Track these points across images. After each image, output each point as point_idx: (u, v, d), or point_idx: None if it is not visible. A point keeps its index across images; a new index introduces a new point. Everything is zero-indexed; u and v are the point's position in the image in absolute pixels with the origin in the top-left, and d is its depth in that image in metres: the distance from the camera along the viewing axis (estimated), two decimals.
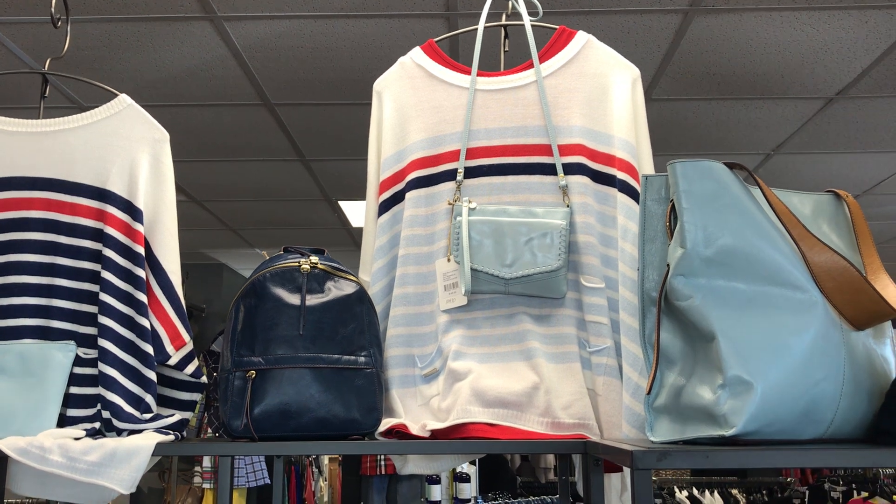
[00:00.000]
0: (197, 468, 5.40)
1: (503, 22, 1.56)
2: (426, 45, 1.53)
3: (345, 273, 1.36)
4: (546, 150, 1.43)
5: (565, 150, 1.42)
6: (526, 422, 1.32)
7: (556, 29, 1.50)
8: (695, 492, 6.43)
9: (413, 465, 1.45)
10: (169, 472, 5.59)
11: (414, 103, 1.48)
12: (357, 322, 1.33)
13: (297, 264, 1.33)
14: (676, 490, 6.41)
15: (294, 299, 1.31)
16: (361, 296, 1.34)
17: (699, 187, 0.97)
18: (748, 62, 2.71)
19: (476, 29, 1.52)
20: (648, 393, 0.99)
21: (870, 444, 0.96)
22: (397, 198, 1.47)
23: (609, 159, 1.41)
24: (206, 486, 5.31)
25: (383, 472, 5.25)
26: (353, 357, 1.31)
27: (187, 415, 1.40)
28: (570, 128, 1.43)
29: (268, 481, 5.56)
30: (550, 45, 1.48)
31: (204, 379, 1.42)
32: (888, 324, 1.03)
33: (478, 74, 1.48)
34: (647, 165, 1.42)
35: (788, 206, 1.10)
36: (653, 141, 3.64)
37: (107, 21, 2.44)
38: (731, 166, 1.00)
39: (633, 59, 2.70)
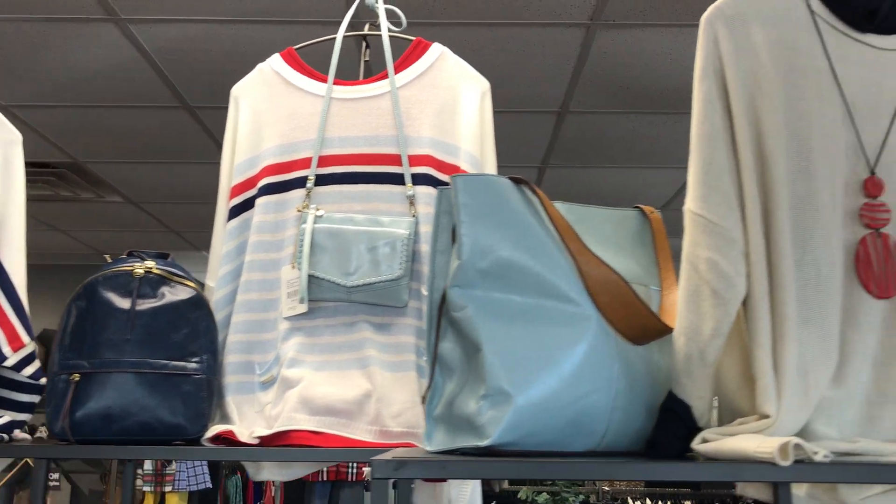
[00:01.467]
0: (138, 471, 5.36)
1: (363, 32, 1.57)
2: (285, 52, 1.54)
3: (182, 278, 1.36)
4: (396, 159, 1.44)
5: (414, 160, 1.43)
6: (353, 430, 1.32)
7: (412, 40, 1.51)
8: (648, 502, 6.45)
9: (266, 472, 1.45)
10: (109, 475, 5.54)
11: (270, 110, 1.49)
12: (190, 327, 1.33)
13: (130, 268, 1.34)
14: (630, 500, 6.43)
15: (125, 303, 1.31)
16: (197, 301, 1.35)
17: (478, 201, 0.98)
18: (655, 76, 2.74)
19: (335, 38, 1.53)
20: (423, 402, 1.00)
21: (640, 457, 0.97)
22: (248, 204, 1.47)
23: (455, 170, 1.42)
24: (146, 488, 5.27)
25: (325, 479, 5.22)
26: (182, 363, 1.31)
27: (24, 416, 1.39)
28: (419, 138, 1.44)
29: (209, 485, 5.51)
30: (406, 56, 1.49)
31: (44, 380, 1.42)
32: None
33: (336, 83, 1.49)
34: None
35: (589, 221, 1.11)
36: (569, 154, 3.67)
37: (18, 20, 2.44)
38: (516, 181, 1.01)
39: (543, 72, 2.75)
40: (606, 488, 6.37)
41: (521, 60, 2.68)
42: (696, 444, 0.92)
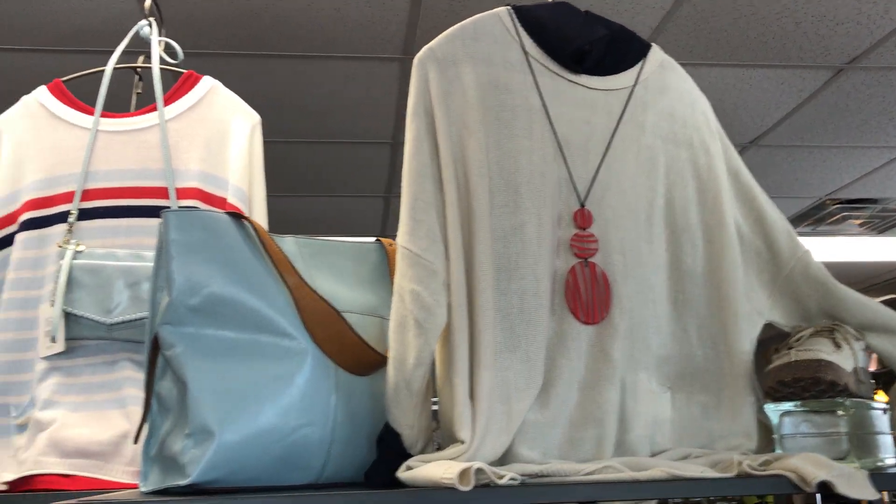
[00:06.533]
0: None
1: (135, 64, 1.55)
2: (52, 84, 1.50)
3: None
4: (164, 193, 1.42)
5: (182, 193, 1.42)
6: (109, 472, 1.28)
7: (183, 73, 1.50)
8: None
9: None
10: None
11: (33, 142, 1.45)
12: None
13: None
14: None
15: None
16: None
17: (188, 237, 0.98)
18: None
19: (104, 70, 1.50)
20: (136, 441, 0.98)
21: (355, 488, 0.98)
22: (7, 240, 1.42)
23: (222, 203, 1.41)
24: None
25: None
26: None
27: None
28: (188, 171, 1.43)
29: None
30: (176, 88, 1.48)
31: None
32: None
33: (104, 115, 1.46)
34: (258, 212, 1.44)
35: (325, 255, 1.13)
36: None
37: None
38: (235, 216, 1.02)
39: (369, 103, 2.77)
40: None
41: (347, 93, 2.71)
42: (400, 473, 0.94)
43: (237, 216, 1.02)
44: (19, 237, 1.40)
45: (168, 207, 1.41)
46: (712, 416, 1.09)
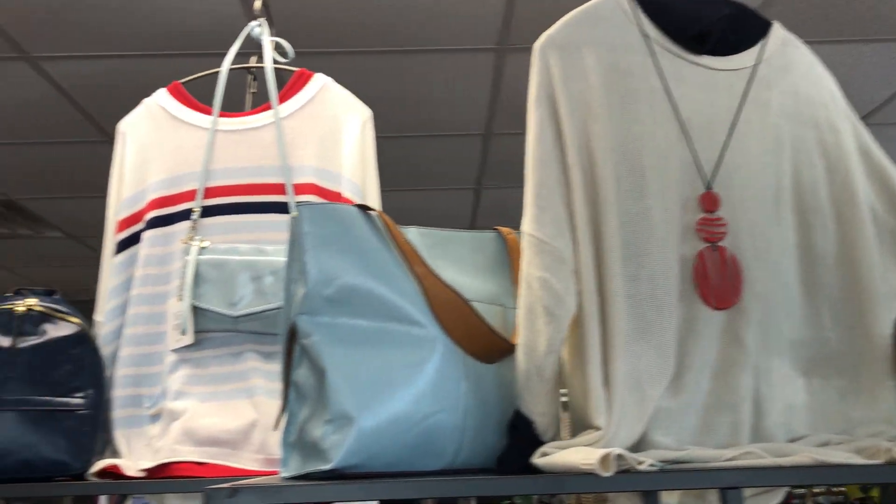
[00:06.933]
0: None
1: (248, 65, 1.59)
2: (171, 86, 1.56)
3: (65, 314, 1.37)
4: (280, 189, 1.46)
5: (298, 188, 1.46)
6: (239, 459, 1.33)
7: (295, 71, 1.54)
8: None
9: None
10: None
11: (155, 144, 1.51)
12: (73, 363, 1.34)
13: (10, 307, 1.34)
14: None
15: (5, 342, 1.32)
16: (80, 337, 1.35)
17: (322, 229, 1.00)
18: None
19: (220, 71, 1.55)
20: (276, 429, 1.01)
21: (487, 473, 0.99)
22: (135, 238, 1.49)
23: (337, 197, 1.45)
24: None
25: None
26: (65, 398, 1.31)
27: None
28: (303, 167, 1.47)
29: None
30: (289, 87, 1.52)
31: None
32: None
33: (221, 115, 1.51)
34: (372, 205, 1.46)
35: (446, 246, 1.14)
36: (497, 174, 3.69)
37: None
38: (363, 209, 1.04)
39: (462, 96, 2.78)
40: None
41: (439, 86, 2.73)
42: (536, 459, 0.95)
43: (365, 208, 1.04)
44: (146, 235, 1.47)
45: (286, 203, 1.45)
46: (850, 401, 1.05)
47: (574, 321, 0.97)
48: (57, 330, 1.35)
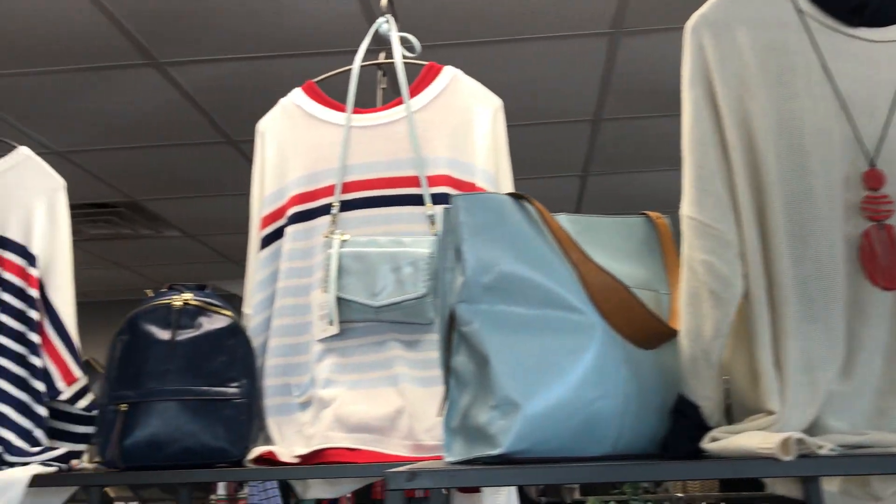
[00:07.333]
0: (212, 496, 5.50)
1: (378, 61, 1.62)
2: (306, 85, 1.60)
3: (218, 308, 1.43)
4: (415, 181, 1.49)
5: (433, 180, 1.48)
6: (388, 445, 1.37)
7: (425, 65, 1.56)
8: None
9: (314, 490, 1.51)
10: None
11: (293, 142, 1.56)
12: (228, 354, 1.40)
13: (168, 301, 1.41)
14: None
15: (165, 335, 1.39)
16: (234, 329, 1.41)
17: (477, 218, 1.01)
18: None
19: (351, 69, 1.59)
20: (440, 415, 1.03)
21: (652, 459, 0.99)
22: (278, 233, 1.54)
23: (471, 187, 1.46)
24: None
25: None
26: (222, 388, 1.37)
27: (80, 447, 1.48)
28: (436, 159, 1.49)
29: None
30: (420, 80, 1.55)
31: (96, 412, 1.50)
32: None
33: (354, 112, 1.55)
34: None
35: (594, 231, 1.13)
36: (605, 159, 3.66)
37: (65, 71, 2.58)
38: (515, 197, 1.04)
39: (571, 82, 2.77)
40: (680, 494, 6.27)
41: (548, 73, 2.71)
42: (706, 444, 0.94)
43: (518, 196, 1.05)
44: (288, 230, 1.52)
45: (420, 195, 1.48)
46: None
47: (740, 304, 0.96)
48: (212, 323, 1.41)
